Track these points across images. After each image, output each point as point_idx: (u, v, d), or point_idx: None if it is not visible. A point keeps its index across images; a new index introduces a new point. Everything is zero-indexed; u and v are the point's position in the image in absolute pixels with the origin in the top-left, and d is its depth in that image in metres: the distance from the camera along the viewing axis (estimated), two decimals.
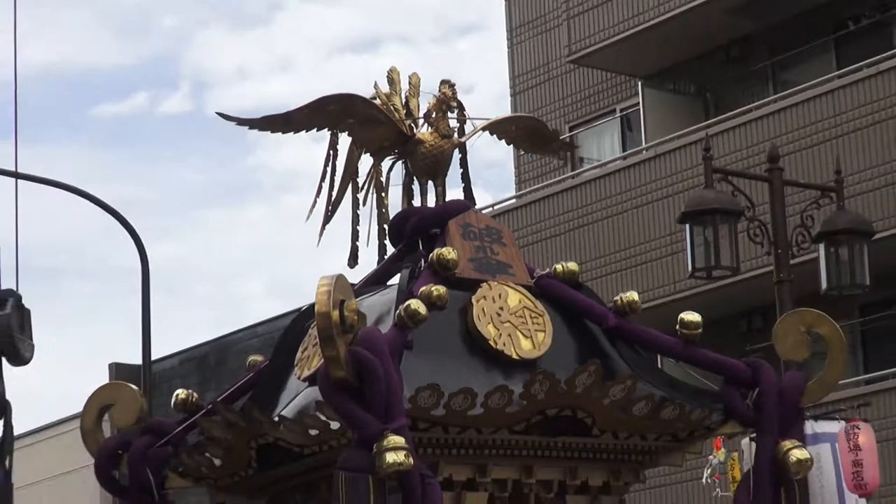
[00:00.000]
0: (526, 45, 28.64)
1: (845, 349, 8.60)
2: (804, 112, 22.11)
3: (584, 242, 20.14)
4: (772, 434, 7.58)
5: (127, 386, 8.72)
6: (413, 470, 6.39)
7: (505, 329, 7.37)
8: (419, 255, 7.90)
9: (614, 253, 20.82)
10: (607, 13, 26.03)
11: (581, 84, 26.99)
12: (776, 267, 17.30)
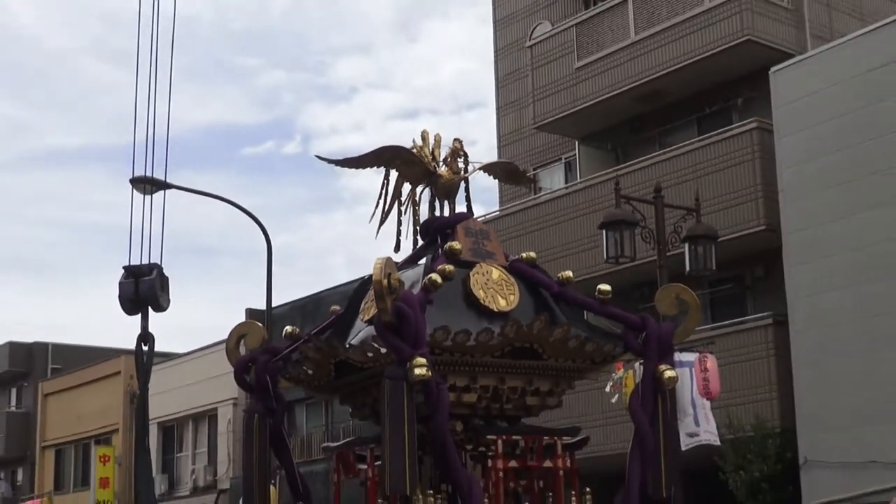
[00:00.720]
0: (508, 118, 29.47)
1: (699, 309, 9.35)
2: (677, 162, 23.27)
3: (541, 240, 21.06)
4: (653, 360, 8.66)
5: (255, 323, 9.48)
6: (430, 379, 7.82)
7: (489, 292, 8.67)
8: (438, 246, 9.05)
9: (559, 247, 21.74)
10: (557, 99, 26.96)
11: (541, 142, 27.96)
12: (658, 257, 18.65)
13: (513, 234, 21.92)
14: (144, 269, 8.50)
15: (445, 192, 9.47)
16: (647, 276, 18.37)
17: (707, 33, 24.69)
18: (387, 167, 9.59)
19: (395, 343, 8.09)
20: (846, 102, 20.95)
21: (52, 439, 46.38)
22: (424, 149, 9.44)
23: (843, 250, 19.86)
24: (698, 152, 23.57)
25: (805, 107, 21.91)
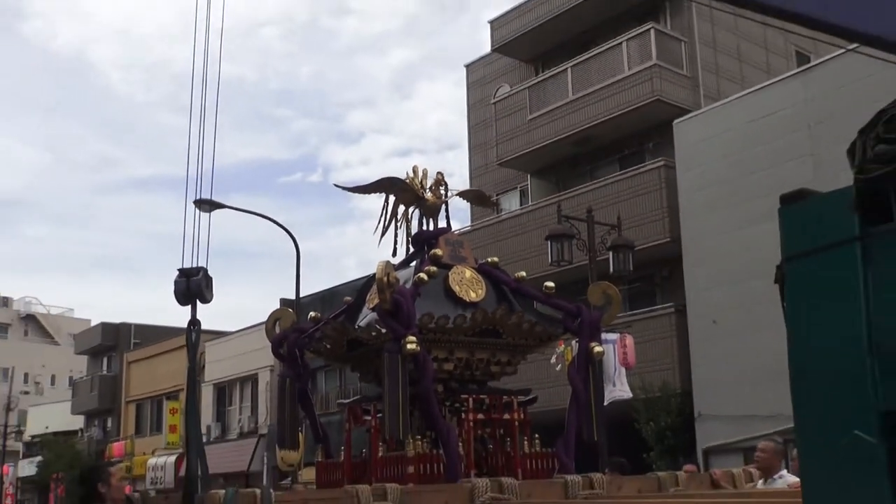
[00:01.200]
0: (477, 156, 29.42)
1: (619, 300, 9.76)
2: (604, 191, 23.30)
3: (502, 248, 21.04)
4: (586, 339, 8.84)
5: (287, 309, 9.41)
6: (419, 352, 7.88)
7: (463, 287, 8.67)
8: (424, 253, 9.06)
9: (515, 253, 21.57)
10: (514, 143, 26.99)
11: (502, 175, 27.92)
12: (589, 262, 18.64)
13: (481, 244, 21.78)
14: (193, 271, 8.35)
15: (430, 212, 9.45)
16: (581, 276, 18.38)
17: (626, 94, 24.73)
18: (387, 193, 9.55)
19: (392, 325, 8.20)
20: (730, 146, 21.06)
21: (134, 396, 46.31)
22: (415, 180, 9.47)
23: (729, 257, 19.91)
24: (620, 183, 23.58)
25: (699, 150, 22.01)
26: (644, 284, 22.92)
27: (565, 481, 7.59)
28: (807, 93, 19.94)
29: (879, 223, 3.80)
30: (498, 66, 30.02)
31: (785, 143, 19.47)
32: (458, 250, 9.13)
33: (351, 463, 8.85)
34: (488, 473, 7.95)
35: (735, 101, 22.20)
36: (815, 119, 18.93)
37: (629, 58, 24.96)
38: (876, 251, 3.81)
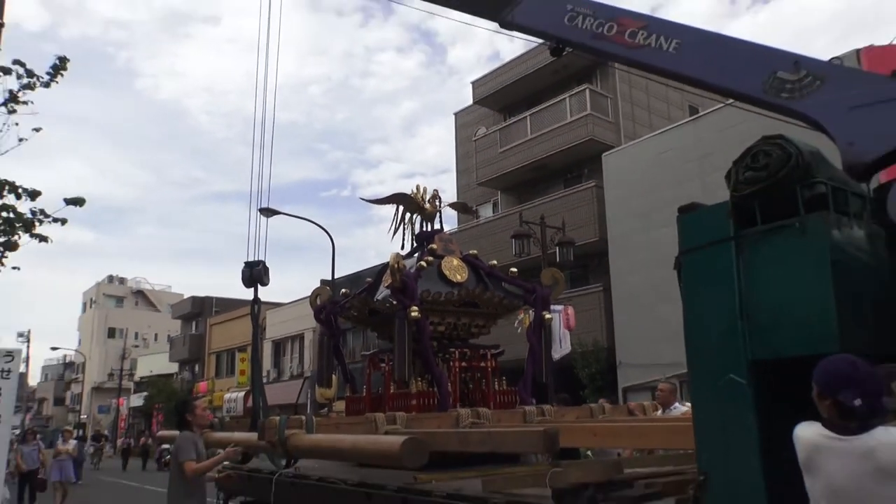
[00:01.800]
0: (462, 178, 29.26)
1: (563, 282, 9.79)
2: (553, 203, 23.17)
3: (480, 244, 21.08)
4: (539, 309, 8.89)
5: (325, 287, 9.36)
6: (420, 318, 7.91)
7: (452, 272, 8.60)
8: (424, 247, 9.02)
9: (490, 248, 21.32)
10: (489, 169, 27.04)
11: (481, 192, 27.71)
12: (542, 254, 18.74)
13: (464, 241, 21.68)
14: (255, 263, 8.47)
15: (428, 218, 9.48)
16: (536, 264, 18.37)
17: (568, 135, 24.79)
18: (397, 204, 9.54)
19: (401, 298, 8.23)
20: (642, 173, 21.10)
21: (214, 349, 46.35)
22: (417, 195, 9.50)
23: (641, 251, 19.95)
24: (564, 198, 23.64)
25: (620, 175, 22.07)
26: (581, 270, 22.96)
27: (524, 411, 7.76)
28: (696, 135, 20.08)
29: (747, 227, 3.88)
30: (477, 114, 30.05)
31: (681, 170, 19.54)
32: (449, 245, 9.12)
33: (370, 397, 8.86)
34: (469, 405, 7.93)
35: (646, 140, 22.29)
36: (703, 154, 19.04)
37: (570, 109, 25.04)
38: (745, 247, 3.88)
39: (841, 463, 2.78)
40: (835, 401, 2.84)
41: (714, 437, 3.85)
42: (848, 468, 2.75)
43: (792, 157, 3.75)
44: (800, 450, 2.95)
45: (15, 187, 14.26)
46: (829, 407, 2.87)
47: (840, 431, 2.83)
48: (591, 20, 5.61)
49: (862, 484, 2.72)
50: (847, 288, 3.47)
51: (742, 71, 4.91)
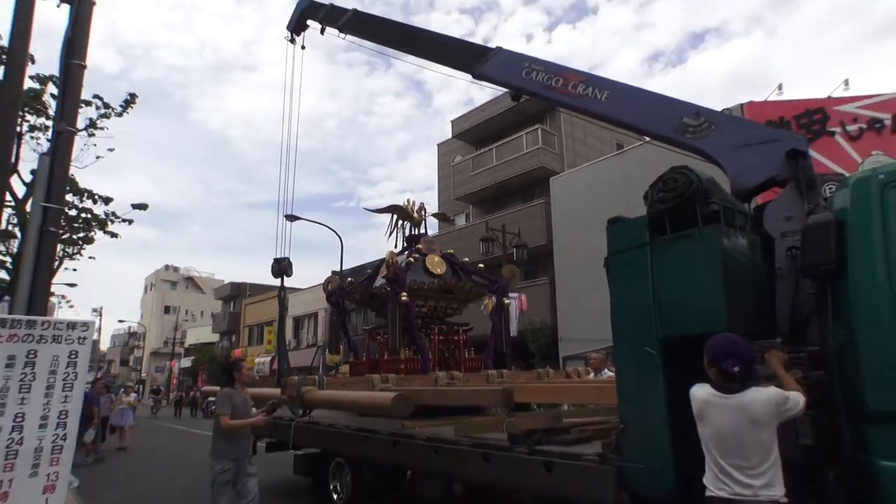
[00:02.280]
0: (443, 194, 28.98)
1: (519, 275, 9.85)
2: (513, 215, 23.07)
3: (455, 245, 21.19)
4: (500, 296, 8.87)
5: (336, 276, 9.24)
6: (408, 301, 7.93)
7: (434, 266, 8.59)
8: (413, 247, 8.96)
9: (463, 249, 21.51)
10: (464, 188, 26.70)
11: (457, 205, 27.29)
12: (503, 254, 18.55)
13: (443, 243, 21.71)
14: (281, 259, 8.37)
15: (416, 225, 9.47)
16: (498, 262, 18.21)
17: (525, 163, 24.72)
18: (392, 213, 9.48)
19: (393, 286, 8.16)
20: (580, 194, 21.09)
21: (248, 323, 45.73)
22: (408, 206, 9.45)
23: (579, 253, 19.93)
24: (521, 212, 23.46)
25: (563, 194, 22.04)
26: (532, 267, 22.83)
27: (487, 374, 7.81)
28: (622, 165, 20.04)
29: (659, 235, 3.92)
30: (455, 145, 29.92)
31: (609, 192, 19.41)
32: (431, 246, 9.09)
33: (369, 362, 8.82)
34: (445, 369, 7.96)
35: (583, 168, 22.24)
36: (626, 179, 18.98)
37: (526, 143, 24.97)
38: (657, 250, 3.91)
39: (725, 415, 2.85)
40: (720, 368, 2.91)
41: (632, 395, 3.89)
42: (730, 419, 2.83)
43: (693, 182, 3.81)
44: (694, 405, 3.00)
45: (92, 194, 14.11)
46: (716, 373, 2.94)
47: (724, 391, 2.90)
48: (543, 75, 5.67)
49: (739, 431, 2.80)
50: (732, 283, 3.52)
51: (657, 116, 4.97)
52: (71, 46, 4.79)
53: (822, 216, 3.42)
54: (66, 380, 3.89)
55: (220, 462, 5.15)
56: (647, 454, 3.70)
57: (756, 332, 3.65)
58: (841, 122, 15.64)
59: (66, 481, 3.83)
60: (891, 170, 3.25)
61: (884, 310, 3.04)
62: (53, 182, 4.53)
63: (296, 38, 8.81)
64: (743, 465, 2.75)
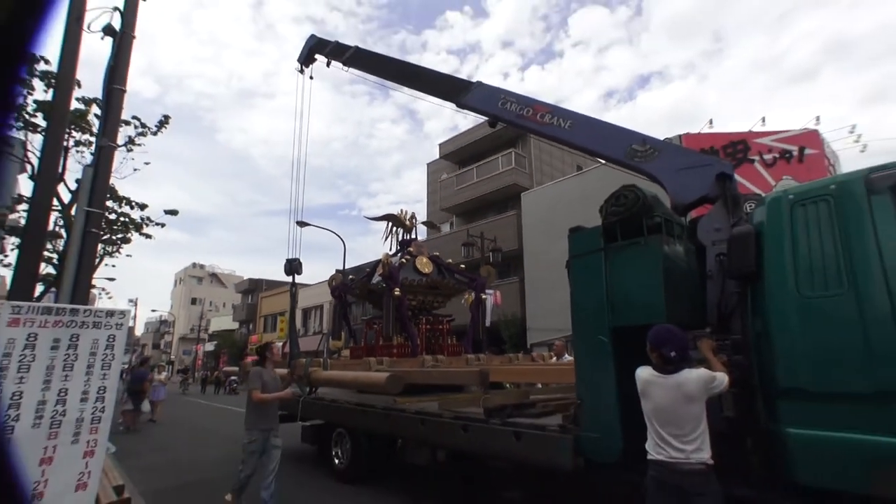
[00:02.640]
0: (431, 206, 28.75)
1: (494, 275, 9.77)
2: (490, 224, 23.07)
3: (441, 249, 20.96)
4: (479, 292, 8.80)
5: (339, 273, 9.11)
6: (401, 296, 7.93)
7: (422, 265, 8.50)
8: (406, 250, 8.86)
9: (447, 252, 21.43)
10: (448, 200, 26.57)
11: (443, 215, 27.05)
12: (481, 257, 18.45)
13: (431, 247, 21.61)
14: (293, 259, 8.26)
15: (408, 231, 9.34)
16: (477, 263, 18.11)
17: (500, 180, 24.67)
18: (388, 221, 9.38)
19: (388, 283, 8.06)
20: (546, 207, 21.15)
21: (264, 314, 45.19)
22: (402, 215, 9.34)
23: (545, 257, 19.97)
24: (497, 221, 23.30)
25: (532, 207, 22.06)
26: (505, 268, 22.75)
27: (467, 357, 7.75)
28: (581, 183, 20.13)
29: (612, 243, 3.95)
30: (442, 164, 29.83)
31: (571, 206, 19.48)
32: (421, 249, 9.04)
33: (367, 347, 8.73)
34: (431, 353, 7.91)
35: (549, 186, 22.25)
36: (585, 195, 19.04)
37: (502, 164, 24.96)
38: (610, 255, 3.94)
39: (663, 392, 2.90)
40: (659, 353, 2.96)
41: (587, 375, 3.91)
42: (668, 395, 2.88)
43: (640, 199, 3.84)
44: (638, 384, 3.05)
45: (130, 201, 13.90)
46: (656, 357, 2.99)
47: (663, 372, 2.95)
48: (516, 105, 5.70)
49: (675, 405, 2.86)
50: (671, 283, 3.56)
51: (611, 143, 5.00)
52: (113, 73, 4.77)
53: (743, 228, 3.47)
54: (104, 360, 3.88)
55: (251, 432, 5.07)
56: (599, 425, 3.72)
57: (690, 323, 3.70)
58: (759, 152, 16.07)
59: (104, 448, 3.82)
60: (798, 191, 3.30)
61: (791, 306, 3.09)
62: (96, 190, 4.51)
63: (305, 70, 8.75)
64: (678, 433, 2.80)
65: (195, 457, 8.85)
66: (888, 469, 2.56)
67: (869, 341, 2.72)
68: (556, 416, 4.49)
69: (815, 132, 16.14)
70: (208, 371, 41.79)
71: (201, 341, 54.94)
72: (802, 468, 2.89)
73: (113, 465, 6.22)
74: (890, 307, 2.69)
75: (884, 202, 2.83)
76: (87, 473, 3.66)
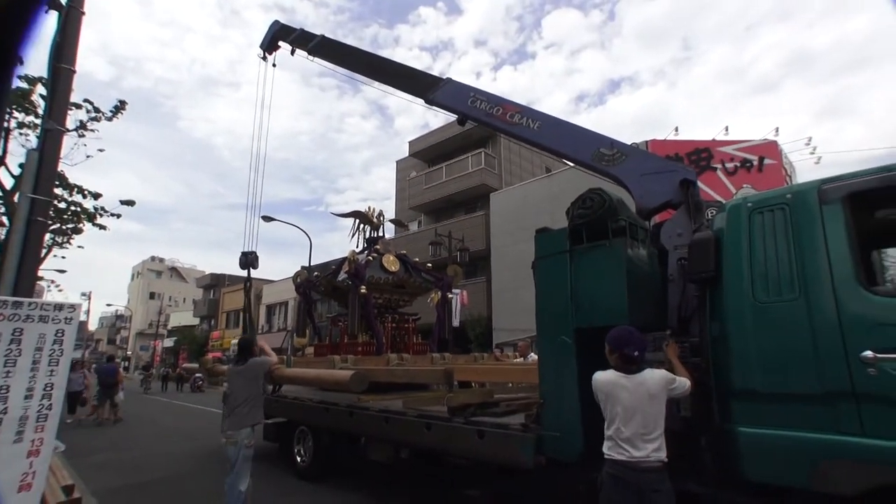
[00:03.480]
0: (400, 204, 28.55)
1: (461, 274, 9.69)
2: (458, 223, 23.08)
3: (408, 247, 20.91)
4: (445, 291, 8.79)
5: (304, 270, 9.05)
6: (367, 293, 7.86)
7: (389, 263, 8.41)
8: (373, 247, 8.82)
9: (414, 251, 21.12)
10: (416, 199, 26.47)
11: (411, 213, 26.91)
12: (448, 256, 18.41)
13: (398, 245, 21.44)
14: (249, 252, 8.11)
15: (375, 228, 9.27)
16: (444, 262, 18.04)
17: (469, 180, 24.77)
18: (355, 218, 9.29)
19: (354, 280, 7.98)
20: (514, 208, 21.26)
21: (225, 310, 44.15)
22: (369, 212, 9.26)
23: (511, 257, 20.10)
24: (465, 221, 23.36)
25: (501, 207, 22.17)
26: (472, 268, 22.77)
27: (432, 356, 7.74)
28: (549, 185, 20.36)
29: (577, 244, 3.99)
30: (411, 162, 29.77)
31: (538, 207, 19.72)
32: (388, 246, 8.99)
33: (331, 345, 8.65)
34: (396, 352, 7.86)
35: (517, 187, 22.41)
36: (552, 197, 19.32)
37: (471, 163, 25.06)
38: (575, 257, 3.98)
39: (629, 392, 2.95)
40: (621, 353, 3.01)
41: (551, 375, 3.93)
42: (634, 395, 2.94)
43: (606, 202, 3.88)
44: (602, 386, 3.07)
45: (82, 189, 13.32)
46: (617, 358, 3.04)
47: (627, 372, 3.00)
48: (485, 104, 5.70)
49: (641, 403, 2.92)
50: (634, 285, 3.61)
51: (578, 145, 5.05)
52: (59, 51, 4.50)
53: (704, 234, 3.54)
54: (52, 356, 3.72)
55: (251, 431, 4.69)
56: (561, 424, 3.75)
57: (651, 325, 3.77)
58: (721, 161, 16.59)
59: (50, 446, 3.67)
60: (757, 199, 3.39)
61: (747, 311, 3.17)
62: (42, 176, 4.27)
63: (268, 57, 8.52)
64: (642, 432, 2.87)
65: (152, 454, 8.62)
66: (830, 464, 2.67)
67: (818, 345, 2.83)
68: (519, 415, 4.51)
69: (774, 143, 16.75)
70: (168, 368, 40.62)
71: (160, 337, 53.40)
72: (752, 465, 2.98)
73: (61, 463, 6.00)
74: (836, 313, 2.81)
75: (835, 212, 2.94)
76: (31, 473, 3.52)
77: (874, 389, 2.59)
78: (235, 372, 4.91)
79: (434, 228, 22.97)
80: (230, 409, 4.70)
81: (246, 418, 4.65)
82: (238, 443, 4.55)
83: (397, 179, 31.02)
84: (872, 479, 2.48)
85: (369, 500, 5.64)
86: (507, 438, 4.07)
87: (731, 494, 3.11)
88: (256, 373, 4.85)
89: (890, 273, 3.74)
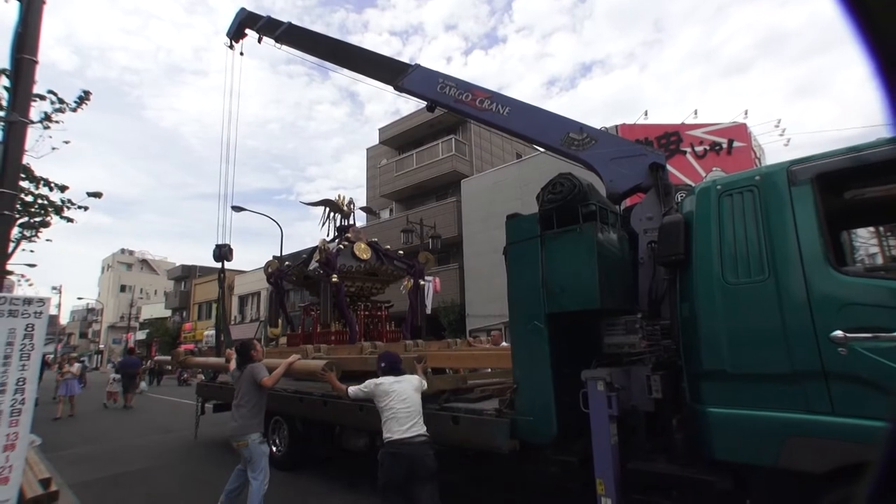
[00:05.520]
0: (371, 192, 28.29)
1: (433, 261, 9.53)
2: (430, 211, 23.08)
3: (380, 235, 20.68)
4: (417, 278, 8.71)
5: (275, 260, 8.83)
6: (339, 282, 7.71)
7: (361, 251, 8.28)
8: (344, 236, 8.67)
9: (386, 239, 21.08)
10: (388, 187, 26.21)
11: (382, 202, 26.84)
12: (420, 243, 18.27)
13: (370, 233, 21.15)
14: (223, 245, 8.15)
15: (346, 217, 9.12)
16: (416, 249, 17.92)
17: (440, 167, 24.68)
18: (326, 206, 9.11)
19: (325, 269, 7.83)
20: (485, 193, 21.29)
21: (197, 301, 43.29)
22: (340, 200, 9.09)
23: (483, 244, 20.12)
24: (437, 208, 23.26)
25: (472, 194, 22.14)
26: (445, 255, 22.74)
27: (405, 343, 7.63)
28: (520, 171, 20.41)
29: (548, 230, 3.95)
30: (382, 150, 29.46)
31: (509, 193, 19.77)
32: (359, 235, 8.85)
33: (304, 334, 8.52)
34: (370, 340, 7.77)
35: (488, 173, 22.37)
36: (523, 183, 19.38)
37: (442, 150, 24.93)
38: (546, 242, 3.94)
39: (401, 387, 3.89)
40: (390, 366, 4.09)
41: (523, 360, 3.91)
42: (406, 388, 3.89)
43: (576, 187, 3.85)
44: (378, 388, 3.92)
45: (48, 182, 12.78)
46: (387, 370, 4.06)
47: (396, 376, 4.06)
48: (455, 90, 5.61)
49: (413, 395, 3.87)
50: (605, 270, 3.60)
51: (548, 130, 5.01)
52: (21, 41, 4.38)
53: (673, 217, 3.54)
54: (23, 350, 3.73)
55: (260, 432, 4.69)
56: (534, 408, 3.75)
57: (622, 308, 3.76)
58: (691, 144, 16.74)
59: (26, 440, 3.67)
60: (726, 182, 3.39)
61: (717, 292, 3.16)
62: (7, 169, 4.19)
63: (235, 45, 8.29)
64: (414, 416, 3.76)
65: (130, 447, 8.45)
66: (799, 443, 2.69)
67: (787, 326, 2.83)
68: (493, 400, 4.52)
69: (744, 125, 16.95)
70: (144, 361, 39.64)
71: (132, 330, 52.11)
72: (723, 445, 3.00)
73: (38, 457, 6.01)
74: (805, 293, 2.80)
75: (804, 193, 2.93)
76: (7, 467, 3.55)
77: (844, 369, 2.60)
78: (238, 377, 4.88)
79: (406, 216, 22.81)
80: (239, 414, 4.68)
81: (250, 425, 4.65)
82: (249, 444, 4.57)
83: (368, 167, 30.68)
84: (841, 458, 2.50)
85: (345, 489, 5.59)
86: (482, 423, 4.06)
87: (702, 474, 3.12)
88: (255, 378, 4.80)
89: (859, 253, 3.79)
